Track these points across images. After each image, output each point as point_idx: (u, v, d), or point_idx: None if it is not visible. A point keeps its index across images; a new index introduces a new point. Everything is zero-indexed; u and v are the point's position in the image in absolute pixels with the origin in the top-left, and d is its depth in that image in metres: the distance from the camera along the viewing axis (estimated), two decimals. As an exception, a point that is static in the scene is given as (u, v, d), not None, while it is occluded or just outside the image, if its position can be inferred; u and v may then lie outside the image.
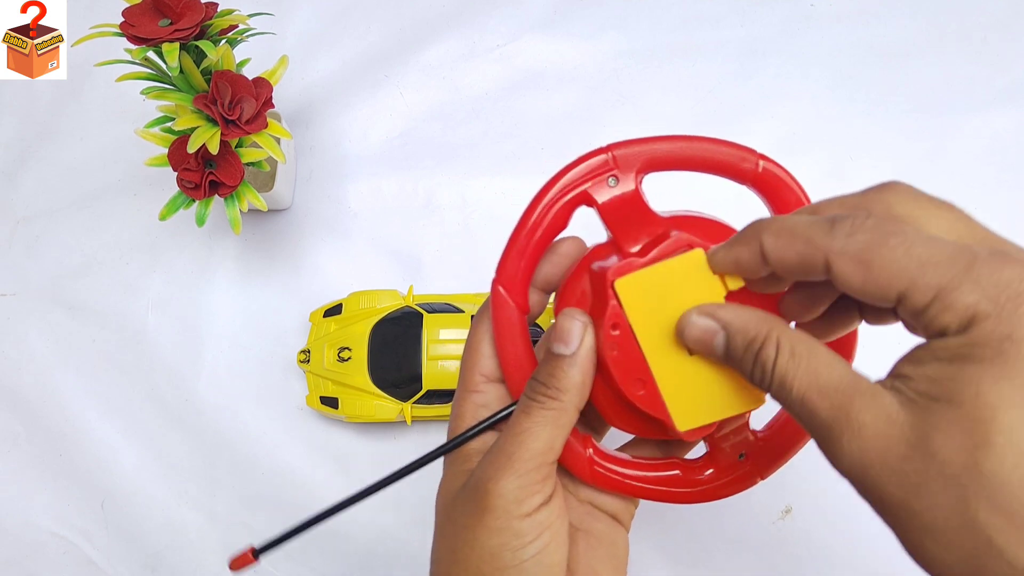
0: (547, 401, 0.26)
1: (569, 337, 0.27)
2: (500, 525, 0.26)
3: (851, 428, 0.20)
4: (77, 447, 0.53)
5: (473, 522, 0.26)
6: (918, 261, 0.19)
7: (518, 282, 0.28)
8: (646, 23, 0.56)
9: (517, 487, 0.26)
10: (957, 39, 0.53)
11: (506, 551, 0.26)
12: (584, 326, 0.27)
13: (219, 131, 0.43)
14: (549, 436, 0.26)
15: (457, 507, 0.27)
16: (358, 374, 0.48)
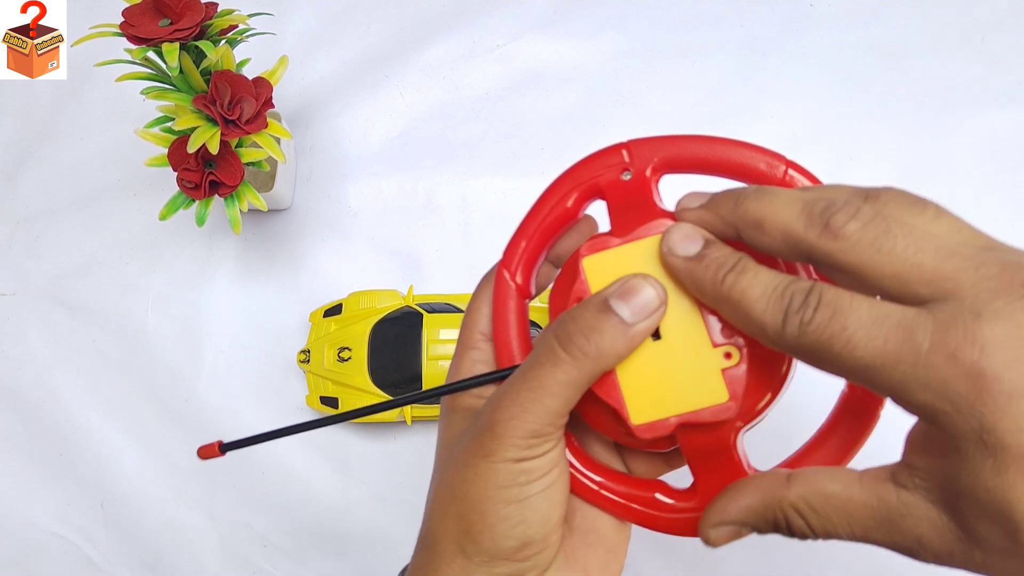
0: (581, 359, 0.24)
1: (642, 307, 0.24)
2: (509, 464, 0.24)
3: (912, 544, 0.20)
4: (77, 447, 0.53)
5: (478, 460, 0.25)
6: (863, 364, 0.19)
7: (522, 265, 0.28)
8: (646, 23, 0.56)
9: (527, 436, 0.24)
10: (957, 39, 0.53)
11: (513, 487, 0.25)
12: (661, 304, 0.24)
13: (219, 131, 0.43)
14: (570, 397, 0.24)
15: (460, 446, 0.26)
16: (358, 374, 0.48)
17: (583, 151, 0.55)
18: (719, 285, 0.22)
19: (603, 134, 0.55)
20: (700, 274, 0.23)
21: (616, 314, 0.23)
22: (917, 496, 0.20)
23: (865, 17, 0.55)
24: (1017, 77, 0.52)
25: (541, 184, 0.31)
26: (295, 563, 0.50)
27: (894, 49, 0.54)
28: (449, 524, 0.26)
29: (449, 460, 0.27)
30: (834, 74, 0.54)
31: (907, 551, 0.20)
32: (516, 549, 0.25)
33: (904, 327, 0.18)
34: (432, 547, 0.27)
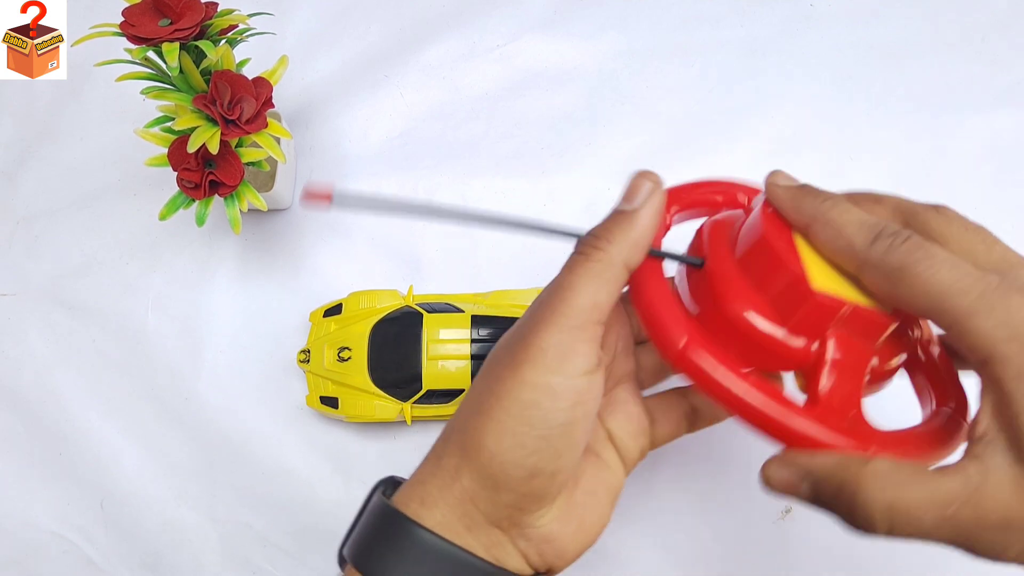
0: (593, 252, 0.25)
1: (634, 194, 0.27)
2: (536, 379, 0.24)
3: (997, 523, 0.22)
4: (77, 447, 0.53)
5: (508, 373, 0.25)
6: (939, 287, 0.22)
7: None
8: (646, 23, 0.56)
9: (560, 341, 0.24)
10: (957, 39, 0.53)
11: (536, 410, 0.24)
12: (653, 186, 0.27)
13: (219, 131, 0.43)
14: (594, 290, 0.25)
15: (495, 359, 0.26)
16: (358, 374, 0.48)
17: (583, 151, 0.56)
18: (819, 206, 0.24)
19: (603, 134, 0.55)
20: (802, 198, 0.25)
21: (621, 210, 0.26)
22: (993, 452, 0.21)
23: (865, 17, 0.55)
24: (1017, 77, 0.52)
25: (541, 184, 0.31)
26: (296, 563, 0.50)
27: (894, 49, 0.54)
28: (466, 439, 0.26)
29: (482, 374, 0.27)
30: (834, 74, 0.54)
31: (990, 541, 0.22)
32: (524, 479, 0.25)
33: (979, 271, 0.21)
34: (440, 458, 0.26)
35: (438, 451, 0.27)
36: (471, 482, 0.26)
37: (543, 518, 0.26)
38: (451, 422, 0.28)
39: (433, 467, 0.27)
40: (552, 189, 0.53)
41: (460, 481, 0.26)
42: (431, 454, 0.28)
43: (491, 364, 0.26)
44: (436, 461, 0.27)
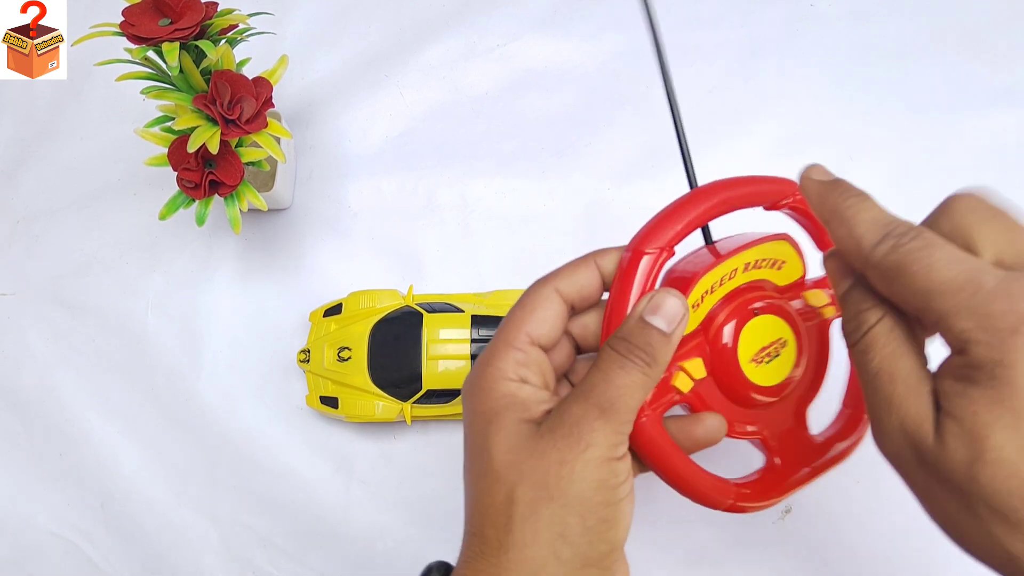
0: (643, 366, 0.28)
1: (670, 317, 0.28)
2: (600, 462, 0.27)
3: (897, 419, 0.23)
4: (77, 447, 0.53)
5: (572, 456, 0.27)
6: (929, 286, 0.22)
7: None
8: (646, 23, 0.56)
9: (614, 432, 0.27)
10: (957, 39, 0.53)
11: (606, 487, 0.27)
12: (685, 312, 0.28)
13: (219, 131, 0.43)
14: (642, 397, 0.28)
15: (546, 444, 0.27)
16: (358, 374, 0.48)
17: (583, 151, 0.56)
18: (841, 203, 0.25)
19: (603, 134, 0.55)
20: (828, 193, 0.26)
21: (655, 327, 0.28)
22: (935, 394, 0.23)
23: (865, 17, 0.55)
24: (1017, 77, 0.52)
25: (541, 184, 0.31)
26: (296, 563, 0.50)
27: (894, 49, 0.54)
28: (540, 526, 0.26)
29: (532, 458, 0.27)
30: (834, 74, 0.54)
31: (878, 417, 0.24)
32: (605, 554, 0.27)
33: (976, 270, 0.22)
34: (519, 549, 0.26)
35: (504, 545, 0.27)
36: (557, 567, 0.27)
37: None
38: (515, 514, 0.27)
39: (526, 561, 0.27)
40: (552, 189, 0.53)
41: (547, 568, 0.27)
42: (493, 548, 0.27)
43: (544, 450, 0.27)
44: (507, 557, 0.27)
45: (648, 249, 0.30)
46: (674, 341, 0.28)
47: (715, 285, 0.31)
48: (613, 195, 0.53)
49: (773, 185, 0.33)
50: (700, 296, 0.31)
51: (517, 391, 0.29)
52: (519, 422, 0.28)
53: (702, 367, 0.31)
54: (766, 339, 0.32)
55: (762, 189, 0.32)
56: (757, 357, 0.32)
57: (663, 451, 0.30)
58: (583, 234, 0.52)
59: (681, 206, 0.31)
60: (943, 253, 0.22)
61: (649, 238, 0.30)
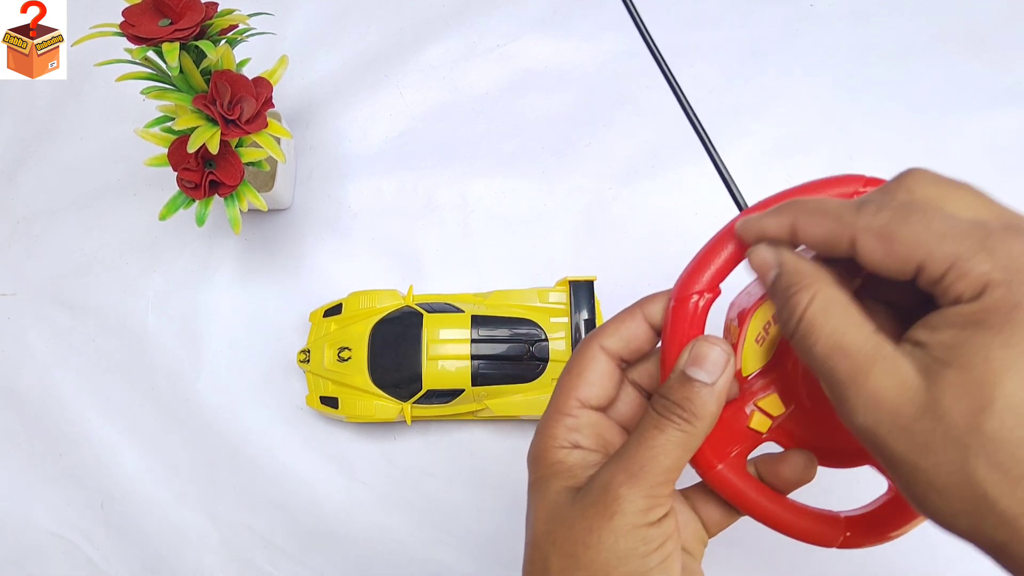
0: (682, 424, 0.27)
1: (711, 367, 0.27)
2: (629, 530, 0.26)
3: (867, 390, 0.22)
4: (77, 447, 0.53)
5: (599, 524, 0.26)
6: (936, 234, 0.21)
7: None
8: (646, 23, 0.56)
9: (645, 497, 0.26)
10: (957, 39, 0.53)
11: (635, 556, 0.26)
12: (728, 357, 0.27)
13: (219, 131, 0.43)
14: (679, 456, 0.27)
15: (576, 511, 0.27)
16: (358, 374, 0.48)
17: (583, 151, 0.56)
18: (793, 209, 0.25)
19: (603, 134, 0.55)
20: (770, 216, 0.26)
21: (698, 380, 0.27)
22: (907, 360, 0.22)
23: (865, 17, 0.55)
24: (1017, 77, 0.52)
25: (541, 184, 0.31)
26: (296, 564, 0.50)
27: (894, 49, 0.54)
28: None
29: (561, 527, 0.27)
30: (834, 74, 0.54)
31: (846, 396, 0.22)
32: None
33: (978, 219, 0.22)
34: None
35: None
36: None
37: None
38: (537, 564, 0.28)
39: None
40: (552, 189, 0.53)
41: None
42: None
43: (572, 519, 0.27)
44: None
45: (691, 293, 0.28)
46: (719, 390, 0.27)
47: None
48: (613, 195, 0.53)
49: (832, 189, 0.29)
50: (763, 328, 0.28)
51: (566, 458, 0.29)
52: (561, 490, 0.28)
53: (779, 403, 0.29)
54: None
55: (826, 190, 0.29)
56: None
57: (747, 496, 0.29)
58: (583, 234, 0.52)
59: (719, 241, 0.28)
60: (932, 206, 0.23)
61: (690, 282, 0.28)
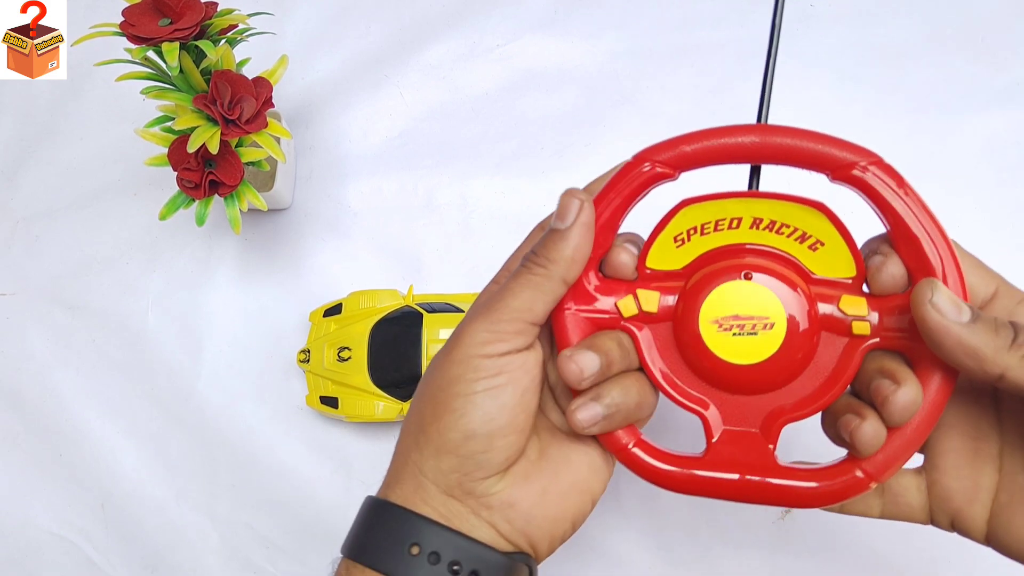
0: (534, 268, 0.28)
1: (565, 213, 0.28)
2: (461, 359, 0.28)
3: None
4: (77, 447, 0.53)
5: (440, 358, 0.29)
6: None
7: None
8: (646, 23, 0.56)
9: (486, 331, 0.28)
10: (957, 39, 0.53)
11: (461, 382, 0.28)
12: (581, 203, 0.28)
13: (219, 131, 0.43)
14: (529, 297, 0.28)
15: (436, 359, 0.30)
16: (358, 374, 0.48)
17: (583, 151, 0.56)
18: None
19: (603, 134, 0.55)
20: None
21: (555, 229, 0.28)
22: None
23: (865, 17, 0.55)
24: (1017, 77, 0.52)
25: (541, 184, 0.31)
26: (296, 563, 0.50)
27: (894, 49, 0.54)
28: (410, 420, 0.30)
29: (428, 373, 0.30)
30: (834, 74, 0.54)
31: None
32: (459, 442, 0.28)
33: None
34: (397, 446, 0.30)
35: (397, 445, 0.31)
36: (417, 455, 0.29)
37: (496, 485, 0.29)
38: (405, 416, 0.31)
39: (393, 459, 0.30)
40: (552, 189, 0.53)
41: (410, 456, 0.29)
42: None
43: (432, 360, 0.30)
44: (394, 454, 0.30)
45: (647, 161, 0.27)
46: (573, 236, 0.27)
47: (708, 226, 0.28)
48: (613, 195, 0.53)
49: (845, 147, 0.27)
50: (686, 232, 0.28)
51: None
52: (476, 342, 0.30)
53: (656, 302, 0.29)
54: (744, 308, 0.27)
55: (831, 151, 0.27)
56: (723, 322, 0.27)
57: None
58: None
59: (715, 130, 0.27)
60: None
61: (656, 149, 0.27)
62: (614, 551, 0.47)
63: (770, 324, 0.27)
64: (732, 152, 0.26)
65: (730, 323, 0.27)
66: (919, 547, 0.45)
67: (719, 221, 0.28)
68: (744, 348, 0.27)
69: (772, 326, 0.27)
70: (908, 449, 0.26)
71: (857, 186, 0.27)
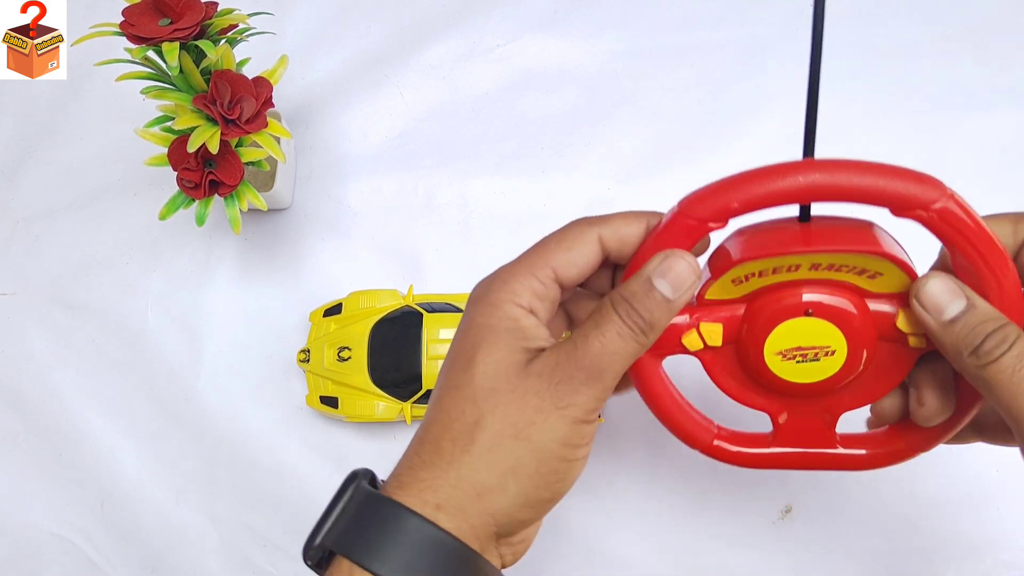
0: (639, 334, 0.27)
1: (677, 282, 0.27)
2: (572, 423, 0.27)
3: None
4: (77, 447, 0.53)
5: (551, 409, 0.27)
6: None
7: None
8: (646, 23, 0.56)
9: (593, 399, 0.27)
10: (957, 39, 0.53)
11: (569, 446, 0.27)
12: (695, 279, 0.27)
13: (219, 130, 0.43)
14: (628, 364, 0.28)
15: (529, 386, 0.27)
16: (358, 374, 0.48)
17: (583, 151, 0.56)
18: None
19: (603, 134, 0.55)
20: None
21: (660, 292, 0.27)
22: None
23: (865, 17, 0.55)
24: (1017, 77, 0.52)
25: (541, 184, 0.31)
26: (296, 563, 0.50)
27: (894, 49, 0.54)
28: (498, 457, 0.27)
29: (513, 392, 0.27)
30: (834, 74, 0.54)
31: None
32: (546, 501, 0.28)
33: None
34: (470, 471, 0.27)
35: (458, 463, 0.28)
36: (501, 496, 0.27)
37: (528, 531, 0.29)
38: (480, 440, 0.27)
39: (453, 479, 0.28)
40: (552, 189, 0.53)
41: (494, 494, 0.27)
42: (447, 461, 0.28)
43: (525, 391, 0.28)
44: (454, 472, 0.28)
45: (693, 217, 0.26)
46: (675, 309, 0.27)
47: (767, 271, 0.28)
48: (613, 195, 0.53)
49: (910, 183, 0.25)
50: (744, 276, 0.28)
51: (522, 319, 0.29)
52: (516, 350, 0.28)
53: (719, 335, 0.29)
54: (807, 341, 0.29)
55: (892, 185, 0.25)
56: (788, 353, 0.29)
57: (656, 391, 0.30)
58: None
59: (762, 174, 0.26)
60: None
61: (701, 202, 0.26)
62: (615, 553, 0.47)
63: (831, 351, 0.28)
64: (787, 196, 0.26)
65: (793, 353, 0.29)
66: (919, 547, 0.45)
67: (777, 268, 0.28)
68: (807, 371, 0.29)
69: (833, 353, 0.28)
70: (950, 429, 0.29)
71: (923, 224, 0.26)
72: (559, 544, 0.48)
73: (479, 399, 0.27)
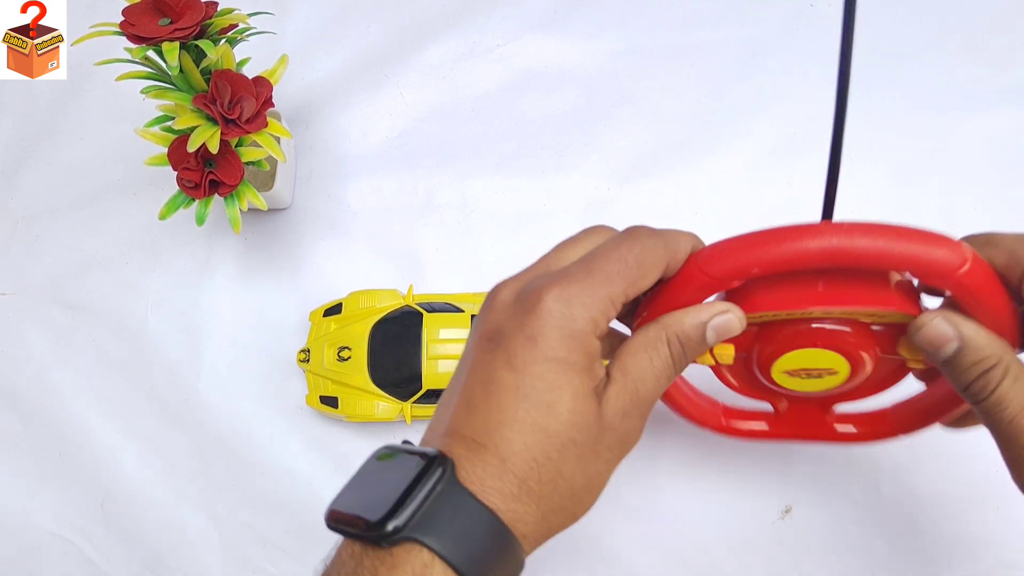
0: (677, 370, 0.30)
1: (723, 335, 0.29)
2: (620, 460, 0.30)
3: None
4: (77, 447, 0.53)
5: (618, 453, 0.30)
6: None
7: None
8: (646, 23, 0.56)
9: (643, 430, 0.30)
10: (957, 39, 0.53)
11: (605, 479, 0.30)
12: (739, 324, 0.29)
13: (219, 130, 0.43)
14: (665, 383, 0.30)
15: (604, 442, 0.28)
16: (358, 373, 0.48)
17: (583, 151, 0.56)
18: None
19: (603, 134, 0.55)
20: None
21: (708, 339, 0.29)
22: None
23: (865, 17, 0.54)
24: (1017, 77, 0.52)
25: (541, 184, 0.31)
26: (296, 563, 0.50)
27: (894, 49, 0.54)
28: (571, 504, 0.29)
29: (587, 434, 0.28)
30: (834, 74, 0.54)
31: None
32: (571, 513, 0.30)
33: None
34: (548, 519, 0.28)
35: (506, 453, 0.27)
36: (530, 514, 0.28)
37: None
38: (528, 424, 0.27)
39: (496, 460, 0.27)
40: (552, 189, 0.53)
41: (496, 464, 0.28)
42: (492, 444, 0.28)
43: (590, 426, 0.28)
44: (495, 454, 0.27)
45: (711, 275, 0.28)
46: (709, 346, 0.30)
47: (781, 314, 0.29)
48: (613, 195, 0.53)
49: (932, 249, 0.25)
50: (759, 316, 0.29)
51: (597, 353, 0.28)
52: (590, 395, 0.28)
53: (732, 356, 0.31)
54: (814, 364, 0.31)
55: (914, 252, 0.24)
56: (794, 371, 0.31)
57: None
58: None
59: (779, 237, 0.26)
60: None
61: (722, 261, 0.27)
62: (615, 552, 0.47)
63: (835, 372, 0.31)
64: (810, 263, 0.26)
65: (799, 372, 0.31)
66: (919, 547, 0.45)
67: (791, 313, 0.29)
68: (811, 384, 0.32)
69: (836, 373, 0.31)
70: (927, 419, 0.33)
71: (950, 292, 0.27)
72: (559, 544, 0.48)
73: (563, 448, 0.27)
